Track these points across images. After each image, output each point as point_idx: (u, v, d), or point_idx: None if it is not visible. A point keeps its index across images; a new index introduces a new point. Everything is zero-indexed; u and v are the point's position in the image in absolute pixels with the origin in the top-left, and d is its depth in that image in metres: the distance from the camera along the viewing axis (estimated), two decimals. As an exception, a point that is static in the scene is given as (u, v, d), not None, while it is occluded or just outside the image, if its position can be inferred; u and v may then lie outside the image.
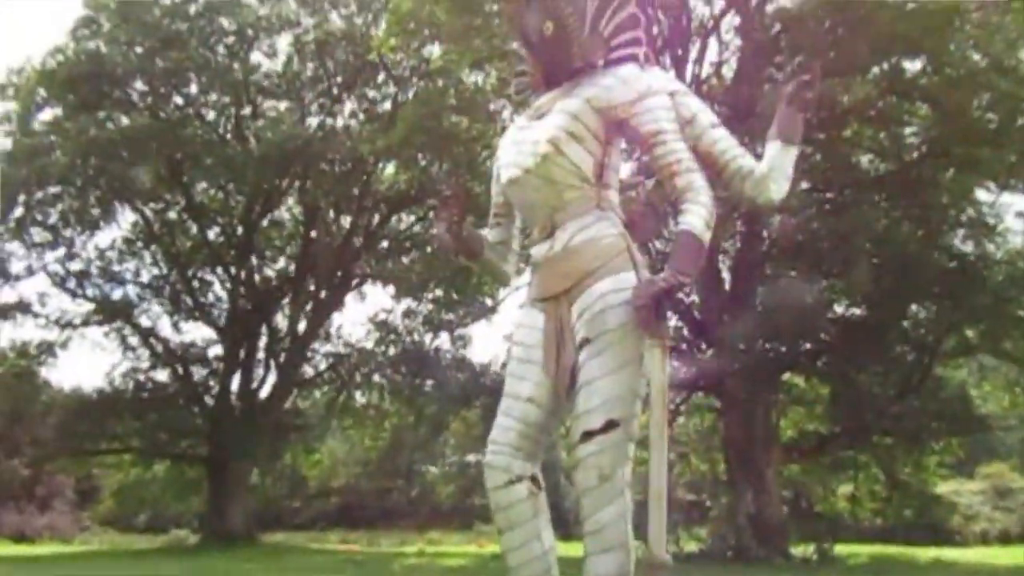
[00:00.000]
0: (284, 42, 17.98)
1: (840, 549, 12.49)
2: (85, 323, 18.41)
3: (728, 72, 13.19)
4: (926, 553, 13.69)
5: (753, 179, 2.36)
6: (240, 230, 19.04)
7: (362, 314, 26.20)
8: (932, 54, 10.96)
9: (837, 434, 13.94)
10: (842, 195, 12.64)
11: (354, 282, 19.51)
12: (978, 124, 11.04)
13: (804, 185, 11.76)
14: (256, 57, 18.05)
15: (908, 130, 12.74)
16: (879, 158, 13.09)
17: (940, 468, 16.48)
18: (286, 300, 19.40)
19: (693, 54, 12.89)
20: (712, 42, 13.11)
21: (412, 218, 19.49)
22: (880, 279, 11.32)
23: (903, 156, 12.53)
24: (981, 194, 12.14)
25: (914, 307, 13.02)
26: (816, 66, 2.46)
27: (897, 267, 11.39)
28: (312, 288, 19.22)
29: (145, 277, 19.15)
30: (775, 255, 12.88)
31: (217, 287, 19.45)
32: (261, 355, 19.07)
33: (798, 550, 11.67)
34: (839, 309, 13.23)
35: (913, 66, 11.78)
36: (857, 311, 13.15)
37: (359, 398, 20.76)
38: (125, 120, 16.93)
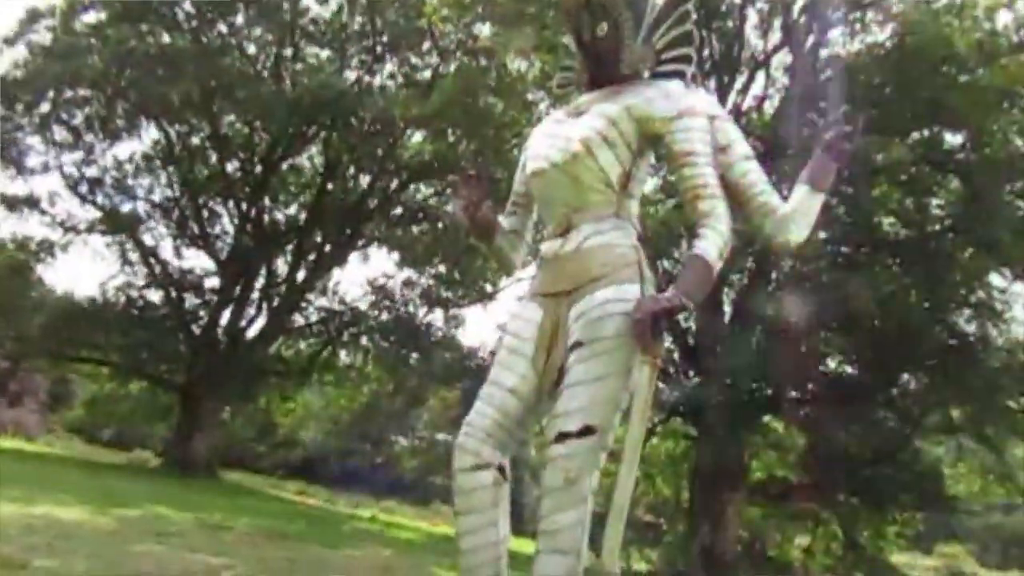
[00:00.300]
0: (337, -8, 17.91)
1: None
2: (89, 230, 18.43)
3: (769, 108, 13.15)
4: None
5: (775, 218, 2.36)
6: (259, 168, 19.02)
7: (362, 275, 26.18)
8: (974, 130, 10.92)
9: (804, 485, 13.96)
10: (857, 252, 12.62)
11: (360, 242, 19.51)
12: (1006, 209, 11.01)
13: (822, 235, 11.74)
14: (307, 1, 18.01)
15: (935, 201, 12.70)
16: (901, 223, 13.07)
17: (898, 538, 16.51)
18: (290, 246, 19.41)
19: (738, 84, 12.86)
20: (760, 76, 13.08)
21: (430, 190, 19.47)
22: (877, 342, 11.31)
23: (925, 226, 12.50)
24: (995, 278, 12.12)
25: (905, 376, 13.02)
26: (859, 119, 2.45)
27: (897, 334, 11.37)
28: (318, 240, 19.23)
29: (156, 196, 19.18)
30: (780, 298, 12.86)
31: (225, 220, 19.47)
32: (255, 296, 19.10)
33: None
34: (831, 364, 13.23)
35: (953, 139, 11.75)
36: (849, 369, 13.16)
37: (343, 357, 20.80)
38: (167, 38, 16.89)
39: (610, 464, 2.29)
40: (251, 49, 18.31)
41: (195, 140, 19.03)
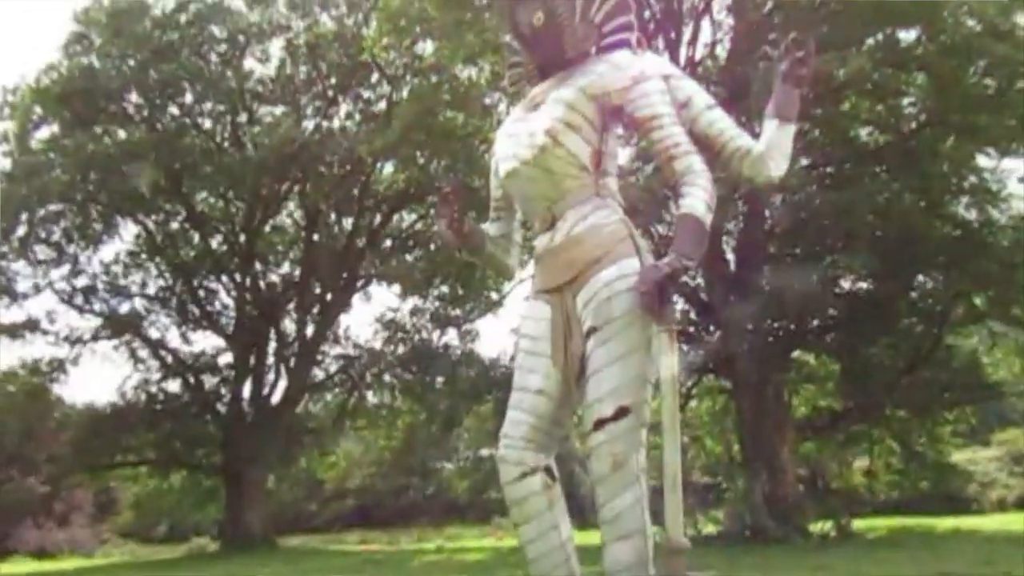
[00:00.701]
0: (276, 47, 17.98)
1: (858, 524, 12.48)
2: (94, 338, 18.49)
3: (722, 52, 13.13)
4: (944, 523, 13.69)
5: (751, 158, 2.36)
6: (243, 237, 19.06)
7: (369, 315, 26.21)
8: (926, 22, 10.90)
9: (850, 409, 13.93)
10: (842, 169, 12.59)
11: (359, 283, 19.54)
12: (975, 90, 10.97)
13: (804, 162, 11.72)
14: (249, 63, 18.06)
15: (905, 100, 12.67)
16: (878, 130, 13.03)
17: (954, 437, 16.46)
18: (292, 304, 19.44)
19: (686, 36, 12.84)
20: (705, 23, 13.05)
21: (413, 216, 19.49)
22: (884, 251, 11.28)
23: (901, 127, 12.47)
24: (982, 160, 12.08)
25: (920, 278, 12.98)
26: (810, 41, 2.45)
27: (901, 239, 11.34)
28: (318, 291, 19.25)
29: (151, 289, 19.23)
30: (778, 234, 12.84)
31: (223, 295, 19.52)
32: (271, 360, 19.13)
33: (816, 527, 11.66)
34: (845, 284, 13.20)
35: (908, 36, 11.71)
36: (863, 285, 13.12)
37: (371, 398, 20.81)
38: (122, 133, 16.97)
39: (654, 437, 2.29)
40: (207, 124, 18.37)
41: (174, 225, 19.09)
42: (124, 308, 18.87)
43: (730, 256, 13.02)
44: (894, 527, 13.36)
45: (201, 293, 19.20)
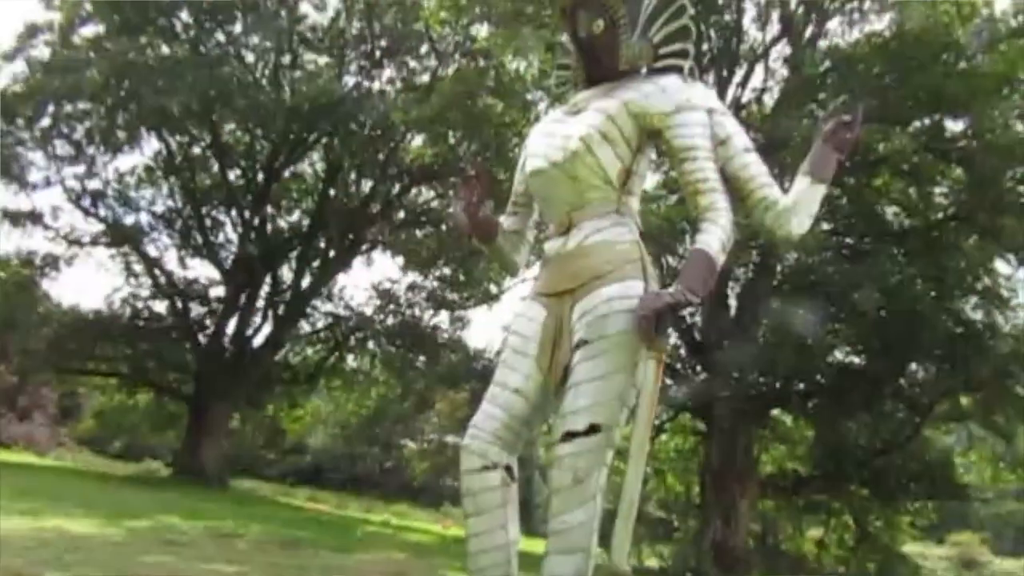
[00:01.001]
0: (336, -2, 17.94)
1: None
2: (93, 243, 18.49)
3: (769, 101, 13.13)
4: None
5: (776, 210, 2.35)
6: (261, 176, 19.05)
7: (366, 280, 26.22)
8: (975, 117, 10.89)
9: (815, 477, 13.94)
10: (861, 242, 12.59)
11: (364, 247, 19.52)
12: (1009, 196, 10.97)
13: (824, 226, 11.71)
14: (304, 7, 18.03)
15: (938, 189, 12.67)
16: (904, 212, 13.03)
17: (911, 528, 16.47)
18: (294, 253, 19.43)
19: (738, 77, 12.84)
20: (759, 68, 13.05)
21: (432, 193, 19.47)
22: (885, 332, 11.28)
23: (928, 214, 12.47)
24: (1000, 265, 12.09)
25: (913, 366, 12.98)
26: (859, 108, 2.44)
27: (903, 323, 11.34)
28: (322, 246, 19.24)
29: (159, 207, 19.24)
30: (784, 291, 12.84)
31: (229, 229, 19.52)
32: (261, 304, 19.12)
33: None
34: (839, 355, 13.21)
35: (954, 126, 11.71)
36: (856, 360, 13.12)
37: (350, 362, 20.81)
38: (165, 48, 16.93)
39: (618, 462, 2.28)
40: (249, 57, 18.34)
41: (196, 150, 19.07)
42: (129, 220, 18.89)
43: (732, 302, 13.03)
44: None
45: (207, 222, 19.19)
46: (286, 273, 19.59)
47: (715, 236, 2.23)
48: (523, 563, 2.34)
